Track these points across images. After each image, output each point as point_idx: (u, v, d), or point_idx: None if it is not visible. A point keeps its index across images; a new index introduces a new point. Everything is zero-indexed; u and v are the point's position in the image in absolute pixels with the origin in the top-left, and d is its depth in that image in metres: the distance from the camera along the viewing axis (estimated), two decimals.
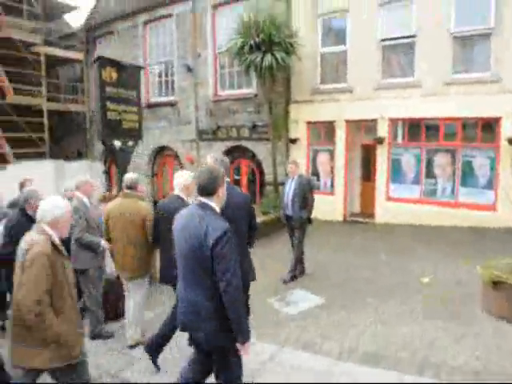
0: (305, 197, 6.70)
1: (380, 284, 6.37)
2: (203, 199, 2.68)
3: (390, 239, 9.15)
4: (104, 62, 7.49)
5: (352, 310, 5.43)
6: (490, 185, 9.56)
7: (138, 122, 8.33)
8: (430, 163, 10.27)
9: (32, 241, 2.71)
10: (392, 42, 10.40)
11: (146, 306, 4.68)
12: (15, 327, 2.72)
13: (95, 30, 16.91)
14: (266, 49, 10.07)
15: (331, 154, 11.51)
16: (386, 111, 10.40)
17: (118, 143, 7.56)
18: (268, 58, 9.93)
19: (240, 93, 12.89)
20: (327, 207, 11.18)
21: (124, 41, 15.70)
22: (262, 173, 12.66)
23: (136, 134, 8.38)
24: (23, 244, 2.75)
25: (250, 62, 10.22)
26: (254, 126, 12.33)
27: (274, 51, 10.00)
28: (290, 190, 6.85)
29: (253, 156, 12.83)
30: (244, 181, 13.36)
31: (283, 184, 7.39)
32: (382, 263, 7.50)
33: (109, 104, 7.41)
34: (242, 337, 2.59)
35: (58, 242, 2.80)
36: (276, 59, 9.94)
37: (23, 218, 4.44)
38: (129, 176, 4.61)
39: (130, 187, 4.48)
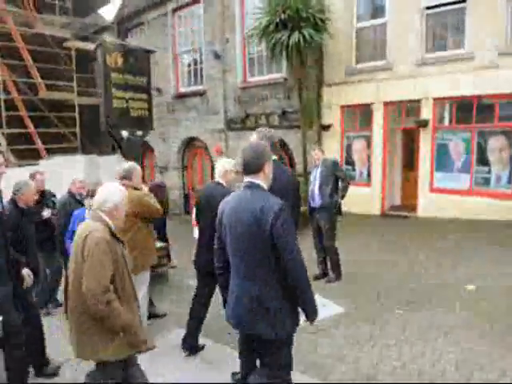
0: (334, 182, 5.94)
1: (414, 291, 5.38)
2: (249, 178, 2.48)
3: (433, 236, 7.99)
4: (109, 46, 6.99)
5: (376, 323, 4.53)
6: None
7: (148, 110, 7.78)
8: (481, 148, 8.91)
9: (90, 228, 2.62)
10: (438, 10, 9.10)
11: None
12: (80, 318, 2.57)
13: (126, 21, 16.70)
14: (294, 26, 9.16)
15: (368, 140, 10.41)
16: (430, 90, 9.14)
17: (125, 133, 7.06)
18: (295, 35, 8.99)
19: (270, 78, 12.02)
20: (363, 199, 10.15)
21: (154, 31, 15.31)
22: (293, 164, 11.79)
23: (146, 123, 7.84)
24: (80, 233, 2.66)
25: (275, 41, 9.35)
26: (284, 113, 11.46)
27: (302, 28, 9.06)
28: (315, 178, 6.06)
29: (283, 145, 11.98)
30: None
31: None
32: (419, 265, 6.46)
33: (114, 91, 6.92)
34: (313, 314, 2.47)
35: (114, 229, 2.71)
36: (304, 36, 8.99)
37: (15, 209, 4.06)
38: (123, 165, 4.36)
39: (124, 177, 4.16)
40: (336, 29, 10.13)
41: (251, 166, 2.46)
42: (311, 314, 2.46)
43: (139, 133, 7.50)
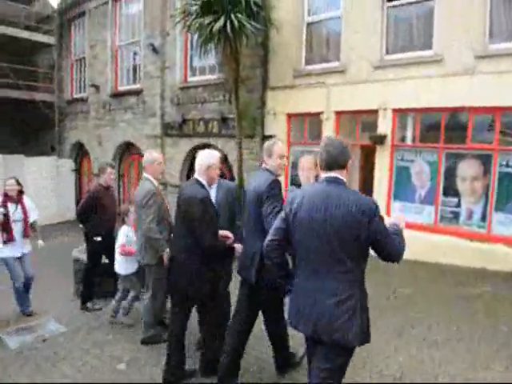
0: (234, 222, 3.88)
1: None
2: (333, 174, 2.30)
3: (382, 282, 5.90)
4: None
5: None
6: None
7: None
8: (451, 174, 6.97)
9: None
10: (402, 2, 7.20)
11: None
12: None
13: (69, 11, 14.50)
14: (221, 10, 7.11)
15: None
16: (389, 99, 7.19)
17: None
18: (221, 21, 6.95)
19: (210, 78, 9.97)
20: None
21: (95, 22, 13.15)
22: (233, 179, 9.69)
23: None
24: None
25: (200, 27, 7.30)
26: (224, 120, 9.37)
27: (231, 13, 7.01)
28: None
29: (224, 157, 9.89)
30: None
31: None
32: None
33: None
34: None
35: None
36: (232, 22, 6.93)
37: None
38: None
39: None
40: (283, 22, 8.16)
41: (338, 161, 2.33)
42: None
43: None
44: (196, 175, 3.25)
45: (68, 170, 14.47)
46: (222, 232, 3.25)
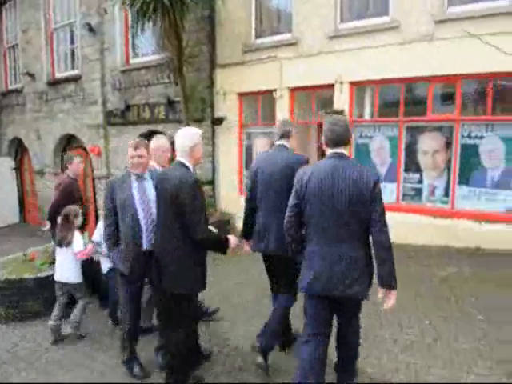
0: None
1: None
2: (338, 150, 2.52)
3: None
4: None
5: None
6: (509, 182, 5.84)
7: None
8: (412, 149, 6.51)
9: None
10: None
11: None
12: None
13: None
14: None
15: (272, 138, 7.73)
16: (345, 71, 6.63)
17: None
18: None
19: (154, 58, 9.06)
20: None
21: (27, 3, 11.80)
22: None
23: None
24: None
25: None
26: (171, 103, 8.51)
27: None
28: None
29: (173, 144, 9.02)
30: None
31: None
32: None
33: None
34: (394, 281, 2.47)
35: None
36: None
37: None
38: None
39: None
40: None
41: (344, 139, 2.51)
42: (394, 281, 2.47)
43: None
44: (179, 158, 2.83)
45: (8, 168, 13.09)
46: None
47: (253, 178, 3.26)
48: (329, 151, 2.54)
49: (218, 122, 7.84)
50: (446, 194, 6.27)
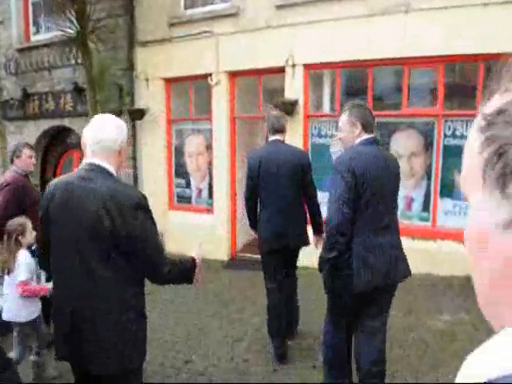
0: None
1: None
2: (372, 136, 2.36)
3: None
4: None
5: None
6: None
7: None
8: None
9: None
10: None
11: None
12: None
13: None
14: None
15: (209, 137, 6.02)
16: (298, 50, 5.07)
17: None
18: None
19: (61, 34, 7.03)
20: (204, 236, 5.72)
21: None
22: None
23: None
24: None
25: None
26: (80, 91, 6.52)
27: None
28: None
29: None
30: None
31: None
32: None
33: None
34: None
35: None
36: None
37: None
38: None
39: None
40: None
41: (373, 124, 2.39)
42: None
43: None
44: (92, 159, 1.71)
45: None
46: None
47: (256, 174, 3.11)
48: (364, 136, 2.33)
49: (138, 114, 5.97)
50: (426, 207, 4.89)
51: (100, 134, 1.69)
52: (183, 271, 1.89)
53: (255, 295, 4.36)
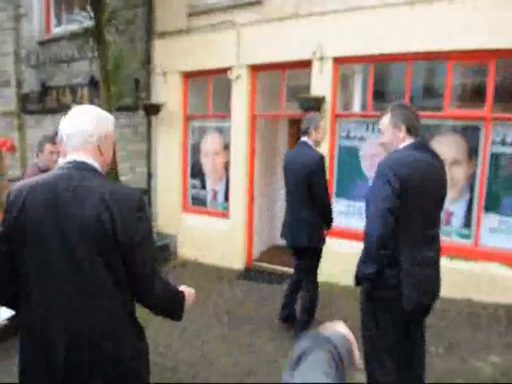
0: None
1: None
2: (418, 140, 2.13)
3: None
4: None
5: None
6: None
7: None
8: None
9: None
10: None
11: None
12: None
13: None
14: None
15: (227, 135, 5.56)
16: (328, 42, 4.52)
17: None
18: None
19: (80, 27, 6.75)
20: (219, 242, 5.33)
21: None
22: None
23: None
24: None
25: None
26: (96, 84, 6.21)
27: None
28: None
29: None
30: None
31: None
32: None
33: None
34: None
35: None
36: None
37: None
38: None
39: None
40: None
41: (418, 128, 2.16)
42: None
43: None
44: (73, 155, 1.42)
45: None
46: None
47: (283, 174, 3.41)
48: (410, 140, 2.11)
49: (154, 110, 5.57)
50: (467, 223, 4.25)
51: (75, 124, 1.44)
52: (175, 297, 1.55)
53: (271, 314, 3.87)
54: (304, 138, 3.29)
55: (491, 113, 4.03)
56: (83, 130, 1.41)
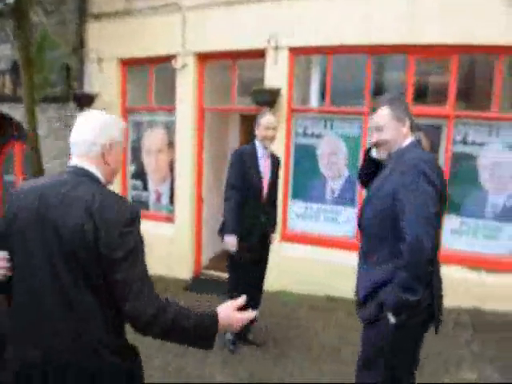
0: None
1: None
2: (416, 138, 1.89)
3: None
4: None
5: None
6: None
7: None
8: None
9: None
10: None
11: None
12: None
13: None
14: None
15: (171, 131, 4.97)
16: (283, 30, 4.10)
17: None
18: None
19: (1, 5, 5.82)
20: (163, 249, 4.72)
21: None
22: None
23: None
24: None
25: None
26: (18, 69, 5.35)
27: None
28: None
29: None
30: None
31: None
32: None
33: None
34: None
35: None
36: None
37: None
38: None
39: None
40: None
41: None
42: None
43: None
44: (78, 162, 1.42)
45: None
46: None
47: None
48: (410, 138, 1.84)
49: (87, 101, 4.84)
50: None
51: (79, 132, 1.43)
52: (185, 327, 1.31)
53: (220, 335, 3.35)
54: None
55: (454, 111, 3.82)
56: (86, 139, 1.39)
